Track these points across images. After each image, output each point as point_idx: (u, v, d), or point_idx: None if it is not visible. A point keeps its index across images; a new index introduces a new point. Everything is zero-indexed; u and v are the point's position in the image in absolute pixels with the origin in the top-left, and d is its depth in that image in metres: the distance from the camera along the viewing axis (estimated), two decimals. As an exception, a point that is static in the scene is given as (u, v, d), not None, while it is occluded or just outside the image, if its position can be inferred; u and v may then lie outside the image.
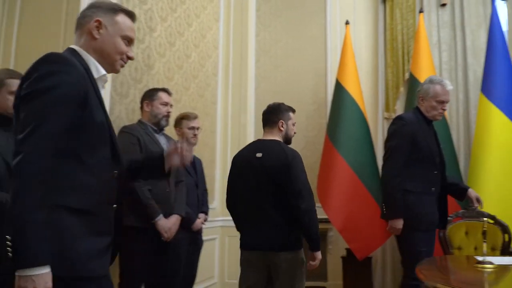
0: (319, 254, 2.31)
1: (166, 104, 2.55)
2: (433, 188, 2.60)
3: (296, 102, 4.37)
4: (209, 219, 3.43)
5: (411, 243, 2.52)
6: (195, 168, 3.09)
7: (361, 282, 3.89)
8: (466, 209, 2.95)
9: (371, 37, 4.56)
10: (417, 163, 2.57)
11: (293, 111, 2.52)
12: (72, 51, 1.30)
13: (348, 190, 3.68)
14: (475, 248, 2.82)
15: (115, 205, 1.30)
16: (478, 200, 2.68)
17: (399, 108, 4.22)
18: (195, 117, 2.99)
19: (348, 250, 3.89)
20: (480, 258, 1.90)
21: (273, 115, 2.43)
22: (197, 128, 3.00)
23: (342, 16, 4.43)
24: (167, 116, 2.58)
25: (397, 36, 4.30)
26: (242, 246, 2.34)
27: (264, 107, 4.23)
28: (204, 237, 3.18)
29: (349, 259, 3.90)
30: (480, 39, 4.12)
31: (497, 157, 3.40)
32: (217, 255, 4.01)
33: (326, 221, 3.98)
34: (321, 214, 3.97)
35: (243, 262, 2.33)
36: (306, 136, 4.44)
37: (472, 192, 2.71)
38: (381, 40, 4.44)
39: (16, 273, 1.03)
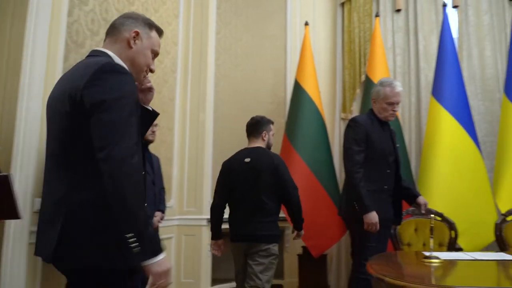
0: (302, 232, 2.88)
1: None
2: (385, 186, 2.70)
3: (255, 101, 4.42)
4: (166, 217, 3.37)
5: (362, 239, 2.61)
6: (152, 166, 3.03)
7: (316, 279, 3.96)
8: (415, 207, 3.07)
9: (330, 39, 4.65)
10: (371, 162, 2.65)
11: (273, 123, 2.92)
12: (107, 55, 1.39)
13: (305, 189, 3.71)
14: (424, 244, 2.94)
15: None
16: (425, 206, 2.78)
17: (355, 109, 4.33)
18: None
19: (304, 247, 3.95)
20: (427, 254, 1.98)
21: (257, 127, 2.82)
22: (155, 125, 2.94)
23: (302, 17, 4.50)
24: None
25: (354, 39, 4.41)
26: (232, 239, 2.75)
27: (223, 105, 4.28)
28: (160, 236, 3.12)
29: (305, 257, 3.96)
30: (432, 45, 4.30)
31: (445, 157, 3.55)
32: (173, 254, 3.95)
33: (283, 219, 4.02)
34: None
35: (233, 251, 2.79)
36: (265, 135, 4.47)
37: (421, 199, 2.80)
38: (339, 42, 4.55)
39: (146, 263, 1.22)
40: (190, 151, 4.08)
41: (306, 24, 4.16)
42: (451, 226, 2.96)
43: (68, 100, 1.26)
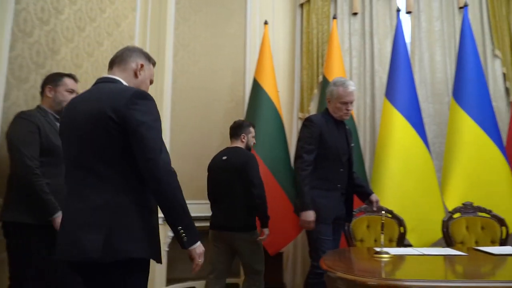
0: (266, 231, 3.00)
1: (72, 91, 2.37)
2: (339, 185, 2.77)
3: (214, 99, 4.39)
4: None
5: (317, 233, 2.66)
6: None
7: (272, 277, 3.97)
8: (367, 204, 3.16)
9: (289, 39, 4.70)
10: (325, 161, 2.72)
11: (253, 126, 3.29)
12: (121, 83, 1.68)
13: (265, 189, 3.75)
14: (375, 240, 3.03)
15: None
16: (377, 204, 2.88)
17: (312, 109, 4.40)
18: None
19: (260, 246, 3.96)
20: (378, 249, 2.04)
21: (237, 130, 3.22)
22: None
23: (261, 16, 4.52)
24: None
25: (312, 40, 4.48)
26: (211, 226, 3.12)
27: (181, 102, 4.21)
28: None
29: (261, 255, 3.97)
30: (386, 48, 4.44)
31: (397, 157, 3.68)
32: (127, 253, 3.84)
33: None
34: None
35: (211, 237, 3.11)
36: (223, 133, 4.43)
37: (374, 196, 2.90)
38: (298, 42, 4.60)
39: (191, 248, 1.55)
40: (146, 148, 3.99)
41: (266, 23, 4.18)
42: (400, 222, 3.07)
43: (108, 120, 1.50)
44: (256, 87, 3.99)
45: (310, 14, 4.53)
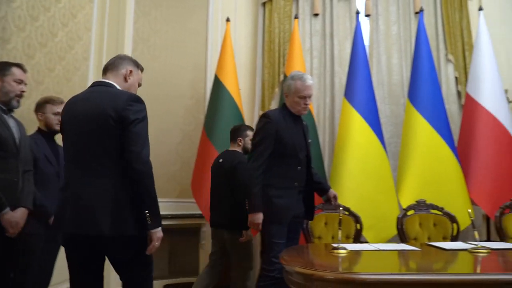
0: (246, 232, 3.01)
1: (20, 81, 2.25)
2: (296, 183, 2.68)
3: (174, 95, 4.31)
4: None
5: (269, 236, 2.58)
6: (57, 157, 2.81)
7: (229, 274, 3.95)
8: (325, 202, 3.21)
9: (251, 38, 4.69)
10: (282, 159, 2.63)
11: (252, 129, 3.34)
12: (113, 86, 1.97)
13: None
14: (333, 237, 3.08)
15: None
16: (335, 199, 2.86)
17: (274, 107, 4.41)
18: (62, 102, 2.75)
19: (220, 244, 3.93)
20: (335, 245, 2.07)
21: (234, 134, 3.36)
22: (62, 115, 2.75)
23: (223, 13, 4.49)
24: (20, 95, 2.28)
25: (274, 39, 4.50)
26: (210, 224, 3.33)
27: (140, 97, 4.09)
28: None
29: (220, 253, 3.94)
30: (346, 50, 4.53)
31: (355, 156, 3.75)
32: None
33: (200, 216, 3.98)
34: (195, 209, 3.98)
35: (211, 234, 3.35)
36: (183, 130, 4.38)
37: (331, 192, 2.88)
38: (260, 41, 4.60)
39: (153, 230, 1.81)
40: (102, 145, 3.86)
41: (228, 20, 4.16)
42: (357, 219, 3.14)
43: (109, 118, 1.80)
44: (218, 84, 3.96)
45: (272, 13, 4.54)
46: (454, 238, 3.10)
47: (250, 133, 3.34)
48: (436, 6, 4.69)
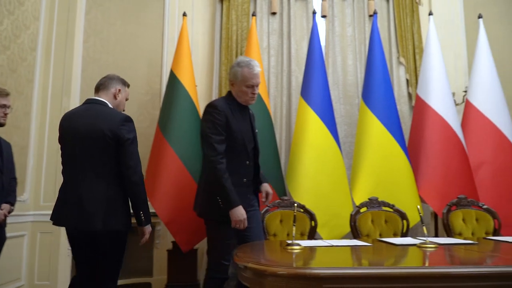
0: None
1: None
2: (244, 179, 2.50)
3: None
4: (18, 213, 2.98)
5: (219, 236, 2.45)
6: (1, 152, 2.65)
7: (186, 275, 3.89)
8: (281, 200, 3.21)
9: (208, 34, 4.64)
10: (231, 153, 2.44)
11: None
12: (105, 104, 2.36)
13: (177, 183, 3.64)
14: (288, 235, 3.09)
15: None
16: (267, 194, 2.64)
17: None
18: (7, 94, 2.64)
19: (174, 243, 3.85)
20: (289, 242, 2.07)
21: None
22: (8, 107, 2.62)
23: (180, 8, 4.42)
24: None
25: (232, 36, 4.47)
26: None
27: (92, 91, 3.91)
28: (10, 233, 2.77)
29: (174, 252, 3.86)
30: (303, 49, 4.57)
31: (311, 154, 3.79)
32: (25, 253, 3.51)
33: (153, 215, 3.86)
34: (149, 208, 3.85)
35: None
36: (137, 127, 4.15)
37: (265, 186, 2.66)
38: (217, 38, 4.56)
39: (145, 226, 2.32)
40: (50, 140, 3.67)
41: (184, 15, 4.08)
42: (311, 217, 3.16)
43: (106, 136, 2.18)
44: (173, 80, 3.86)
45: (230, 10, 4.51)
46: (404, 234, 3.20)
47: None
48: (389, 10, 4.84)
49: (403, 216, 3.25)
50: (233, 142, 2.45)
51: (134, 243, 4.14)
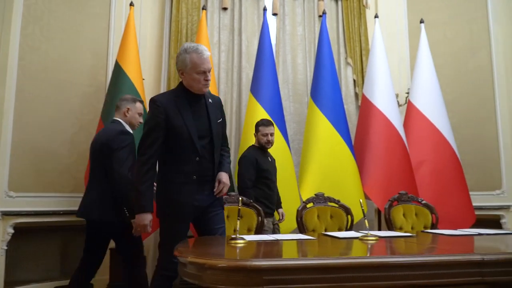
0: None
1: None
2: (194, 177, 2.34)
3: (70, 82, 3.98)
4: None
5: (169, 233, 2.37)
6: None
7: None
8: (229, 195, 3.18)
9: (157, 26, 4.52)
10: (176, 150, 2.34)
11: (261, 124, 3.62)
12: (117, 121, 2.97)
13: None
14: (234, 230, 3.06)
15: None
16: (219, 182, 2.43)
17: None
18: None
19: (117, 241, 3.71)
20: (233, 236, 2.04)
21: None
22: None
23: (128, -1, 4.25)
24: None
25: (182, 30, 4.38)
26: None
27: (30, 82, 3.72)
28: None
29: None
30: (254, 46, 4.57)
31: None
32: None
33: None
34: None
35: None
36: (80, 119, 4.06)
37: (219, 175, 2.46)
38: (167, 30, 4.45)
39: (132, 220, 2.46)
40: (-19, 132, 3.42)
41: (131, 4, 3.94)
42: (259, 212, 3.16)
43: (103, 146, 2.78)
44: (119, 70, 3.72)
45: (180, 3, 4.42)
46: (349, 229, 3.27)
47: (262, 129, 3.60)
48: (338, 12, 4.95)
49: (347, 211, 3.32)
50: (177, 138, 2.32)
51: (75, 243, 3.97)
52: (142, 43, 4.27)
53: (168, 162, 2.36)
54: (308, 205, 3.33)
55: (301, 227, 3.21)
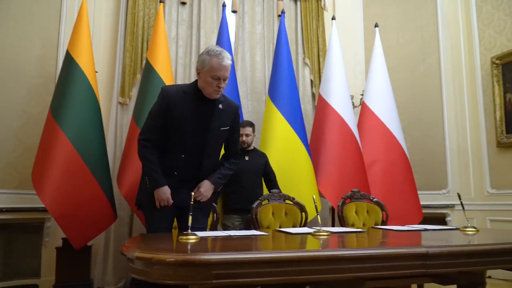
0: None
1: None
2: (175, 173, 2.41)
3: (16, 72, 3.78)
4: None
5: (148, 220, 2.47)
6: None
7: (78, 274, 3.62)
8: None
9: (112, 18, 4.39)
10: (166, 141, 2.41)
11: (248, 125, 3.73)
12: None
13: (71, 174, 3.35)
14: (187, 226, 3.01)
15: None
16: (197, 189, 2.45)
17: (134, 94, 4.18)
18: None
19: (65, 239, 3.56)
20: (185, 232, 2.00)
21: None
22: None
23: (81, -14, 4.09)
24: None
25: (138, 22, 4.27)
26: None
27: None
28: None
29: (65, 250, 3.57)
30: (212, 42, 4.53)
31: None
32: None
33: (43, 210, 3.52)
34: (38, 202, 3.46)
35: None
36: (27, 112, 3.86)
37: (203, 181, 2.49)
38: (122, 22, 4.32)
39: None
40: None
41: (85, -8, 3.78)
42: (214, 209, 3.12)
43: None
44: (70, 62, 3.54)
45: (136, -5, 4.31)
46: (302, 226, 3.30)
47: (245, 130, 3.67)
48: (297, 12, 5.00)
49: (302, 208, 3.36)
50: (170, 131, 2.38)
51: (20, 242, 3.78)
52: (96, 34, 4.12)
53: (159, 151, 2.42)
54: (264, 202, 3.33)
55: (256, 224, 3.21)
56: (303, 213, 3.36)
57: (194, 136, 2.39)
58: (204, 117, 2.42)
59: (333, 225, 4.40)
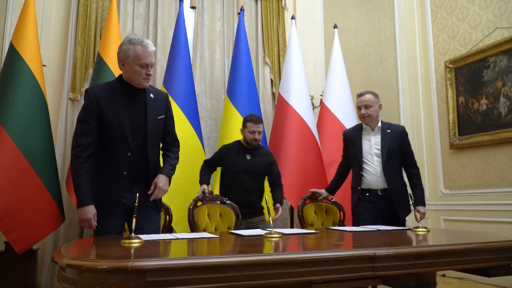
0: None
1: None
2: (125, 173, 2.31)
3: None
4: None
5: (98, 232, 2.31)
6: None
7: (21, 280, 3.40)
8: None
9: (64, 9, 4.19)
10: (107, 142, 2.30)
11: (250, 121, 3.43)
12: None
13: (14, 175, 3.15)
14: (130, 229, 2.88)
15: None
16: (155, 185, 2.39)
17: (87, 91, 3.99)
18: None
19: (7, 243, 3.34)
20: (129, 235, 1.90)
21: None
22: None
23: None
24: None
25: (91, 15, 4.09)
26: None
27: None
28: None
29: (8, 254, 3.34)
30: (170, 38, 4.39)
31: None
32: None
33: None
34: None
35: None
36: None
37: (157, 177, 2.42)
38: (74, 14, 4.12)
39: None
40: None
41: (32, -18, 3.57)
42: (166, 211, 3.02)
43: None
44: (14, 54, 3.33)
45: (90, -14, 4.12)
46: (237, 228, 3.18)
47: (249, 125, 3.41)
48: (258, 11, 4.95)
49: (235, 210, 3.22)
50: (109, 129, 2.28)
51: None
52: (45, 26, 3.91)
53: (99, 155, 2.30)
54: (198, 204, 3.22)
55: (193, 226, 3.10)
56: (238, 215, 3.26)
57: (134, 131, 2.32)
58: (139, 109, 2.35)
59: (292, 225, 4.38)
